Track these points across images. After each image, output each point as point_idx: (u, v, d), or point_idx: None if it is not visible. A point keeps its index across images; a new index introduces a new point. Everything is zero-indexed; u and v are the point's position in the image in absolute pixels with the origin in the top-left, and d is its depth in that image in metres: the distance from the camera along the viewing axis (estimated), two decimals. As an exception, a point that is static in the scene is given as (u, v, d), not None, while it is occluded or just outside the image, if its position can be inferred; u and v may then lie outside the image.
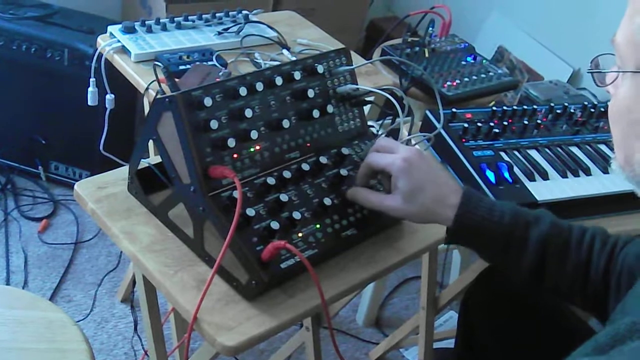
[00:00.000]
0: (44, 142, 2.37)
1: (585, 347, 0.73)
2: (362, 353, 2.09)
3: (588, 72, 0.90)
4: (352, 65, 1.22)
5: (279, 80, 1.11)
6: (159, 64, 1.42)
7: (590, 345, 0.73)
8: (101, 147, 1.72)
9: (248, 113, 1.05)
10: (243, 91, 1.06)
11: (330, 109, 1.17)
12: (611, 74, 0.83)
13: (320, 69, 1.16)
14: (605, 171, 1.42)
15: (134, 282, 1.97)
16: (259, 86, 1.08)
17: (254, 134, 1.06)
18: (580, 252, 1.04)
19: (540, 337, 1.23)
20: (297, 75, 1.13)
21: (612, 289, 1.03)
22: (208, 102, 1.02)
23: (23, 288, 2.07)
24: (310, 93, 1.14)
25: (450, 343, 1.99)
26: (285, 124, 1.10)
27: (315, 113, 1.15)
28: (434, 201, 1.04)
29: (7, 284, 2.08)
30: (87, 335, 1.94)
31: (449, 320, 2.19)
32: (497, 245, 1.04)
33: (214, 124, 1.02)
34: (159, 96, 1.04)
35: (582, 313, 1.32)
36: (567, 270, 1.04)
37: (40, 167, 2.42)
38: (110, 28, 1.67)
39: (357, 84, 1.22)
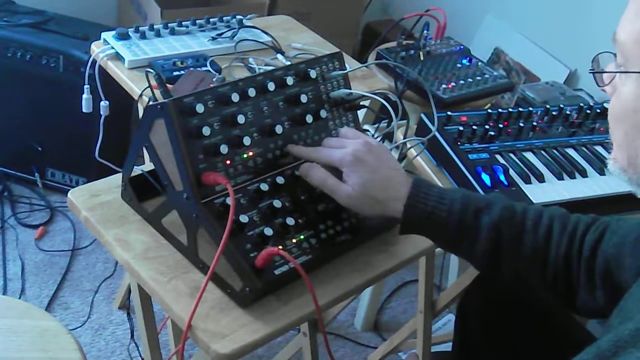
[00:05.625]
0: (40, 149, 2.36)
1: (586, 354, 0.72)
2: (360, 357, 2.08)
3: (590, 72, 0.86)
4: (345, 69, 1.21)
5: (271, 86, 1.10)
6: (151, 70, 1.41)
7: (592, 352, 0.71)
8: (96, 154, 1.71)
9: (240, 119, 1.05)
10: (235, 97, 1.05)
11: (323, 113, 1.17)
12: (609, 73, 0.80)
13: (313, 73, 1.16)
14: (601, 173, 1.42)
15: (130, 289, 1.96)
16: (251, 92, 1.07)
17: (246, 140, 1.06)
18: (537, 235, 1.02)
19: (536, 340, 1.23)
20: (290, 80, 1.13)
21: (581, 273, 1.00)
22: (200, 108, 1.01)
23: (20, 296, 2.06)
24: (303, 98, 1.14)
25: (448, 346, 1.98)
26: (278, 129, 1.10)
27: (309, 118, 1.14)
28: (384, 194, 1.04)
29: (5, 292, 2.07)
30: (84, 343, 1.96)
31: (447, 323, 2.19)
32: (449, 234, 1.04)
33: (206, 131, 1.01)
34: (150, 103, 1.04)
35: (580, 317, 1.31)
36: (524, 255, 1.02)
37: (36, 174, 2.41)
38: (103, 34, 1.66)
39: (350, 88, 1.21)
